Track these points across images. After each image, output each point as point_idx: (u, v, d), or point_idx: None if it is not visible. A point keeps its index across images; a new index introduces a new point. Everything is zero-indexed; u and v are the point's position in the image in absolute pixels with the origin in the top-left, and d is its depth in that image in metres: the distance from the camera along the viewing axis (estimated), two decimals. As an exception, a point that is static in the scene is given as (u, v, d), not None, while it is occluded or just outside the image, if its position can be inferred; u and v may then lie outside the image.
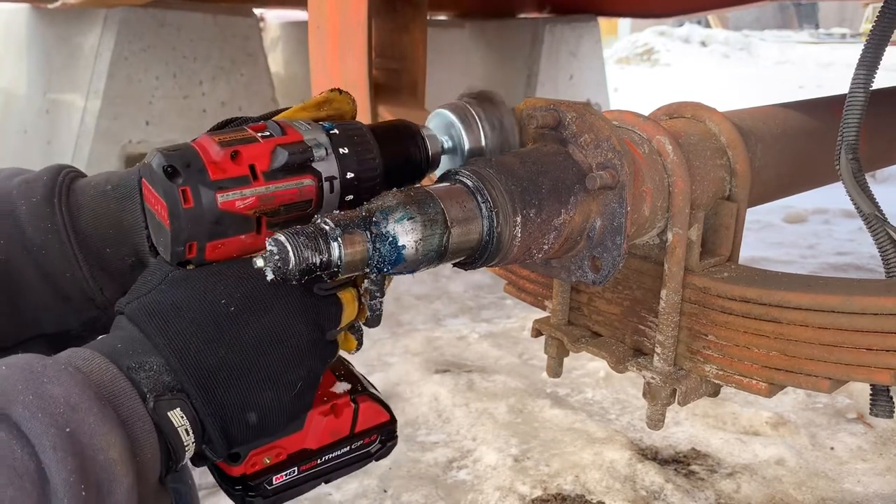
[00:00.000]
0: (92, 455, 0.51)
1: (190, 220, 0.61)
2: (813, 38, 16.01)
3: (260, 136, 0.65)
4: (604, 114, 0.77)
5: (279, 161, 0.63)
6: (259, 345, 0.63)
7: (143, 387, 0.59)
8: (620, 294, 0.92)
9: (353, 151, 0.68)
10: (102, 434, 0.53)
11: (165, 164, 0.61)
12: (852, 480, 1.75)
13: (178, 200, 0.60)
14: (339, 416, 0.72)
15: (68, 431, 0.51)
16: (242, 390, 0.62)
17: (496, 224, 0.67)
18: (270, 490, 0.68)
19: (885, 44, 0.91)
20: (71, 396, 0.53)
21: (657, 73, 11.72)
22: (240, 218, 0.62)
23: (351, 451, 0.73)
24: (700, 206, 0.86)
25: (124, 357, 0.60)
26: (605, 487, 1.70)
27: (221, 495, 1.86)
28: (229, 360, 0.62)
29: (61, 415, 0.51)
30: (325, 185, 0.66)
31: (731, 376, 0.84)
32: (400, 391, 2.17)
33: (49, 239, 0.75)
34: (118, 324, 0.65)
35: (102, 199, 0.77)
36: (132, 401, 0.58)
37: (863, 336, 0.74)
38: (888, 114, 1.23)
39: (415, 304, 2.87)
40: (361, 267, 0.61)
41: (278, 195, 0.64)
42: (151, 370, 0.60)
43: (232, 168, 0.62)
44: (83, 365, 0.57)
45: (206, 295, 0.63)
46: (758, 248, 3.48)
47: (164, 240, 0.64)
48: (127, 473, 0.54)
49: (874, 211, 0.87)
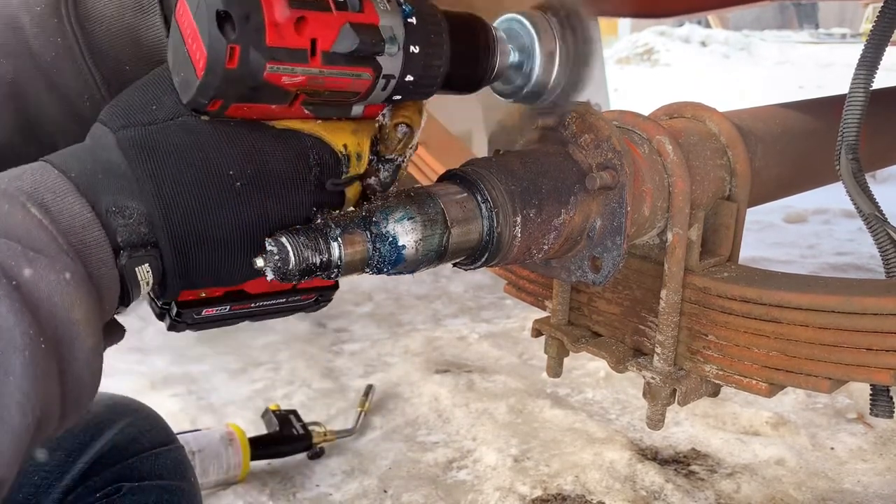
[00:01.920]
0: (51, 311, 0.46)
1: (227, 80, 0.53)
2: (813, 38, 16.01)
3: (334, 1, 0.55)
4: (604, 114, 0.77)
5: (345, 46, 0.55)
6: (254, 227, 0.58)
7: (119, 237, 0.53)
8: (620, 294, 0.92)
9: (424, 53, 0.59)
10: (67, 292, 0.47)
11: (221, 9, 0.51)
12: (852, 480, 1.75)
13: (223, 57, 0.52)
14: None
15: (15, 284, 0.45)
16: (221, 261, 0.58)
17: (496, 224, 0.67)
18: (197, 319, 0.64)
19: (885, 44, 0.91)
20: (31, 251, 0.47)
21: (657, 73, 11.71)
22: (279, 91, 0.55)
23: (287, 303, 0.68)
24: (700, 206, 0.86)
25: (104, 193, 0.53)
26: (605, 487, 1.70)
27: (222, 495, 1.86)
28: (219, 233, 0.57)
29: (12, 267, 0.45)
30: (380, 81, 0.58)
31: (731, 376, 0.84)
32: (400, 391, 2.17)
33: (60, 56, 0.66)
34: (102, 141, 0.57)
35: (118, 9, 0.67)
36: (104, 254, 0.52)
37: (863, 336, 0.74)
38: (888, 114, 1.23)
39: (415, 304, 2.87)
40: (361, 267, 0.61)
41: (329, 81, 0.56)
42: (131, 218, 0.54)
43: (292, 37, 0.53)
44: (51, 201, 0.50)
45: (215, 161, 0.56)
46: (758, 248, 3.48)
47: (185, 78, 0.56)
48: (92, 334, 0.49)
49: (874, 211, 0.87)
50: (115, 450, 0.94)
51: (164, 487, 0.94)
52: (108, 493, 0.90)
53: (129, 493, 0.91)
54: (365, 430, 1.98)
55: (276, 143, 0.58)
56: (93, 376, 0.51)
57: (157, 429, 1.01)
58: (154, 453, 0.97)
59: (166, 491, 0.94)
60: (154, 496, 0.93)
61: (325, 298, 0.71)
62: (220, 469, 1.69)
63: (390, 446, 1.91)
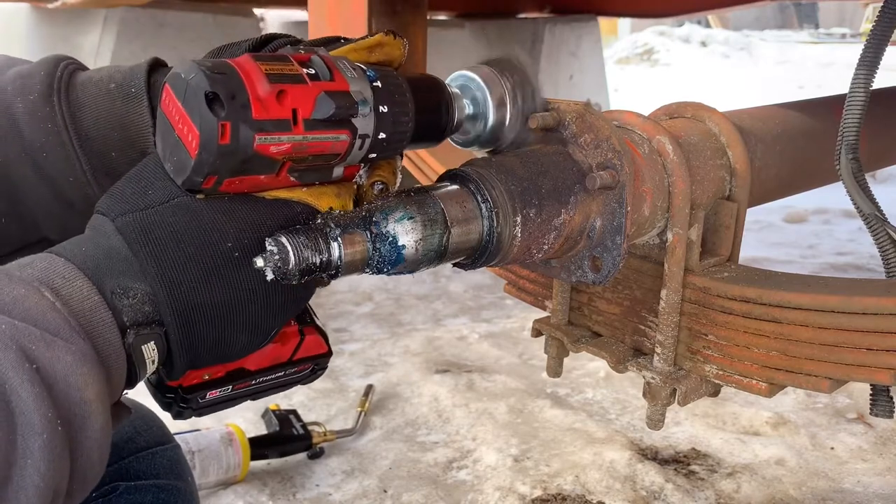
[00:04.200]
0: (66, 392, 0.49)
1: (220, 156, 0.56)
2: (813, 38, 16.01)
3: (306, 73, 0.60)
4: (604, 114, 0.77)
5: (323, 112, 0.59)
6: (252, 293, 0.60)
7: (125, 316, 0.55)
8: (620, 294, 0.92)
9: (391, 112, 0.64)
10: (81, 373, 0.50)
11: (209, 90, 0.55)
12: (852, 480, 1.75)
13: (216, 135, 0.55)
14: (285, 344, 0.70)
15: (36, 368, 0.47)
16: (223, 333, 0.60)
17: (496, 224, 0.67)
18: (201, 403, 0.66)
19: (885, 44, 0.91)
20: (47, 333, 0.49)
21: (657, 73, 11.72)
22: (268, 160, 0.59)
23: (284, 376, 0.71)
24: (700, 206, 0.86)
25: (108, 277, 0.56)
26: (605, 487, 1.70)
27: (221, 495, 1.86)
28: (220, 305, 0.59)
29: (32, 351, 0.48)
30: (357, 141, 0.62)
31: (731, 376, 0.84)
32: (400, 391, 2.17)
33: (49, 140, 0.69)
34: (102, 229, 0.59)
35: (106, 98, 0.70)
36: (111, 334, 0.54)
37: (863, 336, 0.74)
38: (888, 114, 1.23)
39: (415, 304, 2.87)
40: (362, 267, 0.61)
41: (312, 146, 0.60)
42: (135, 298, 0.56)
43: (275, 109, 0.57)
44: (62, 286, 0.53)
45: (214, 235, 0.59)
46: (758, 248, 3.48)
47: (179, 161, 0.59)
48: (102, 413, 0.51)
49: (874, 211, 0.87)
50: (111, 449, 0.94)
51: (161, 487, 0.94)
52: (104, 493, 0.90)
53: (125, 493, 0.91)
54: (365, 430, 1.98)
55: (268, 212, 0.61)
56: (101, 456, 0.53)
57: (154, 428, 1.01)
58: (151, 452, 0.97)
59: (163, 490, 0.94)
60: (151, 495, 0.93)
61: (320, 367, 0.74)
62: (219, 469, 1.69)
63: (390, 446, 1.91)
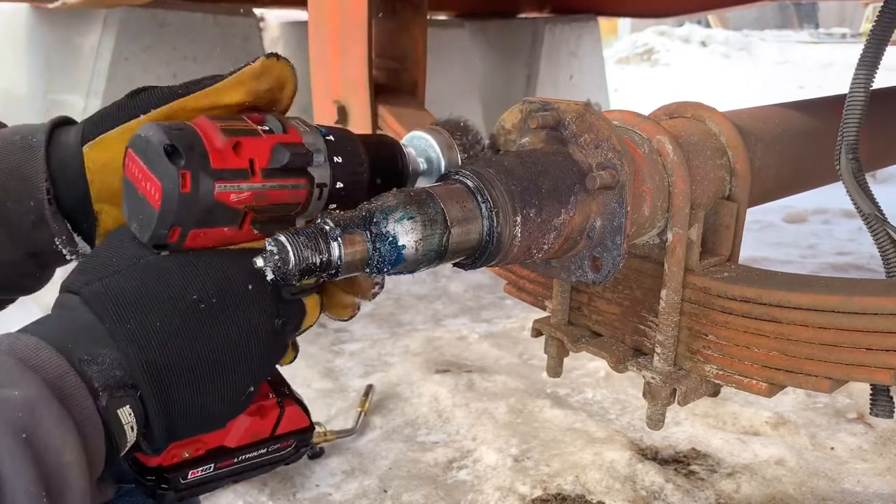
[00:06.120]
0: (46, 458, 0.49)
1: (183, 205, 0.59)
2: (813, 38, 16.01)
3: (261, 129, 0.64)
4: (604, 114, 0.77)
5: (280, 160, 0.63)
6: (223, 347, 0.61)
7: (95, 381, 0.56)
8: (620, 294, 0.92)
9: (346, 162, 0.68)
10: (59, 436, 0.50)
11: (168, 143, 0.58)
12: (852, 480, 1.75)
13: (177, 184, 0.58)
14: (264, 417, 0.71)
15: (24, 437, 0.48)
16: (196, 391, 0.60)
17: (496, 224, 0.67)
18: (183, 485, 0.66)
19: (885, 44, 0.91)
20: (28, 397, 0.50)
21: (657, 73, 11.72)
22: (230, 211, 0.61)
23: (268, 453, 0.72)
24: (700, 205, 0.86)
25: (75, 346, 0.56)
26: (605, 487, 1.70)
27: (222, 495, 1.85)
28: (190, 360, 0.60)
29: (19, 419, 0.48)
30: (315, 190, 0.66)
31: (731, 376, 0.84)
32: (400, 391, 2.17)
33: None
34: (67, 304, 0.61)
35: (9, 149, 0.70)
36: (83, 399, 0.54)
37: (863, 336, 0.74)
38: (888, 114, 1.23)
39: (415, 304, 2.87)
40: (361, 267, 0.61)
41: (272, 194, 0.63)
42: (104, 364, 0.56)
43: (233, 159, 0.61)
44: (30, 357, 0.54)
45: (178, 289, 0.60)
46: (758, 248, 3.48)
47: (144, 218, 0.61)
48: (81, 476, 0.51)
49: (874, 211, 0.87)
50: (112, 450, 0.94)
51: None
52: None
53: (126, 495, 0.91)
54: (365, 430, 1.99)
55: (232, 262, 0.63)
56: None
57: None
58: None
59: None
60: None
61: (304, 443, 0.75)
62: (220, 469, 1.69)
63: (390, 446, 1.91)
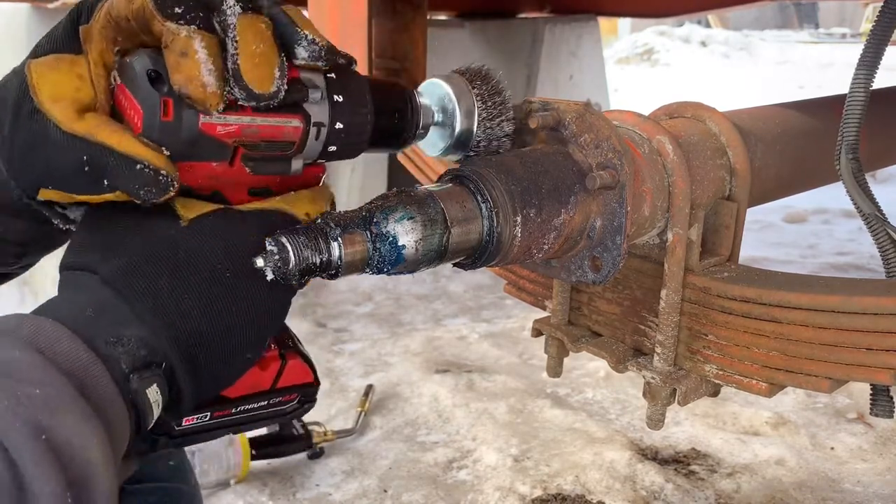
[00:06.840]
0: (69, 460, 0.48)
1: (164, 133, 0.56)
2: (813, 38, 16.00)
3: None
4: (604, 114, 0.77)
5: None
6: (248, 311, 0.60)
7: (123, 364, 0.54)
8: (620, 294, 0.92)
9: (348, 101, 0.64)
10: (83, 434, 0.49)
11: (151, 69, 0.55)
12: (852, 480, 1.75)
13: (157, 111, 0.55)
14: (265, 369, 0.68)
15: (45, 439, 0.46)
16: (223, 359, 0.59)
17: (496, 224, 0.67)
18: (178, 432, 0.64)
19: (885, 44, 0.91)
20: (49, 396, 0.48)
21: (657, 73, 11.72)
22: (217, 143, 0.58)
23: (268, 406, 0.69)
24: (700, 205, 0.86)
25: (98, 329, 0.54)
26: (605, 487, 1.70)
27: (221, 495, 1.85)
28: (219, 329, 0.58)
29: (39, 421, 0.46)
30: (311, 129, 0.62)
31: (731, 376, 0.84)
32: (400, 391, 2.17)
33: None
34: (82, 283, 0.58)
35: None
36: (107, 388, 0.53)
37: (863, 336, 0.74)
38: (888, 114, 1.23)
39: (415, 304, 2.87)
40: (361, 267, 0.61)
41: (262, 129, 0.60)
42: (129, 345, 0.55)
43: None
44: (50, 346, 0.51)
45: (201, 257, 0.58)
46: (758, 248, 3.47)
47: None
48: (106, 474, 0.50)
49: (874, 211, 0.87)
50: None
51: (165, 489, 0.94)
52: None
53: (129, 495, 0.91)
54: (365, 430, 1.99)
55: (248, 224, 0.61)
56: None
57: None
58: (155, 455, 0.97)
59: (166, 493, 0.94)
60: (154, 498, 0.93)
61: (307, 399, 0.72)
62: (220, 469, 1.69)
63: (390, 446, 1.91)
